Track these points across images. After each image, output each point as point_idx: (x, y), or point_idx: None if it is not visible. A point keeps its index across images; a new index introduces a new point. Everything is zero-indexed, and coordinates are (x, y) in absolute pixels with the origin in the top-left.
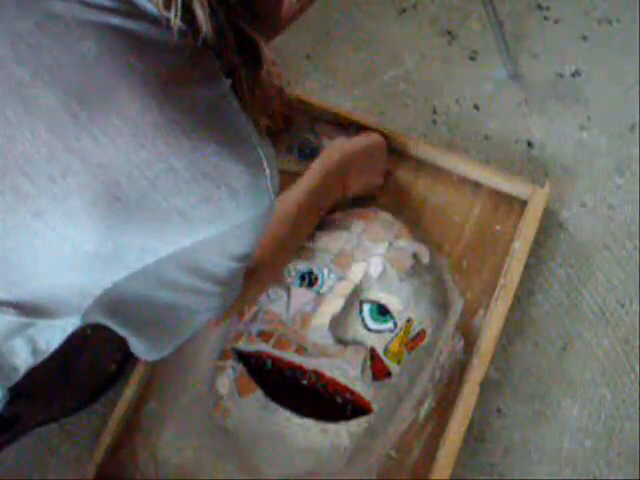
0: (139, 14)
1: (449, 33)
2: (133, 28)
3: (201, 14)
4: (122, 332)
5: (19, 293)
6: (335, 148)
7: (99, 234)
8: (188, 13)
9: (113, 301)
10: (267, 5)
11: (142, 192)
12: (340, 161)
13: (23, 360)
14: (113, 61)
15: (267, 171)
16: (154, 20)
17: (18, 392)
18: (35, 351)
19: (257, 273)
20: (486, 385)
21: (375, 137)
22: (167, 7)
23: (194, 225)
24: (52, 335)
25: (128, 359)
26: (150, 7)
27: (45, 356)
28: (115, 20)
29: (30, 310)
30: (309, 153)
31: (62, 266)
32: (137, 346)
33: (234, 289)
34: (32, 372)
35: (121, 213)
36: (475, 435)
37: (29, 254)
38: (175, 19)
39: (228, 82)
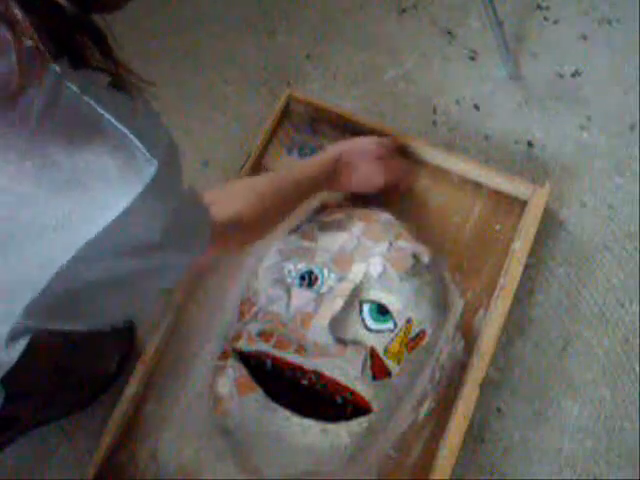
0: None
1: (449, 33)
2: None
3: None
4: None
5: None
6: (338, 145)
7: None
8: None
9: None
10: None
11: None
12: (336, 156)
13: None
14: None
15: (137, 143)
16: None
17: (18, 392)
18: None
19: (246, 226)
20: (486, 385)
21: (381, 141)
22: None
23: (80, 228)
24: None
25: (128, 359)
26: None
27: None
28: None
29: None
30: (309, 153)
31: None
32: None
33: (188, 233)
34: (32, 372)
35: None
36: (475, 435)
37: None
38: None
39: (56, 67)
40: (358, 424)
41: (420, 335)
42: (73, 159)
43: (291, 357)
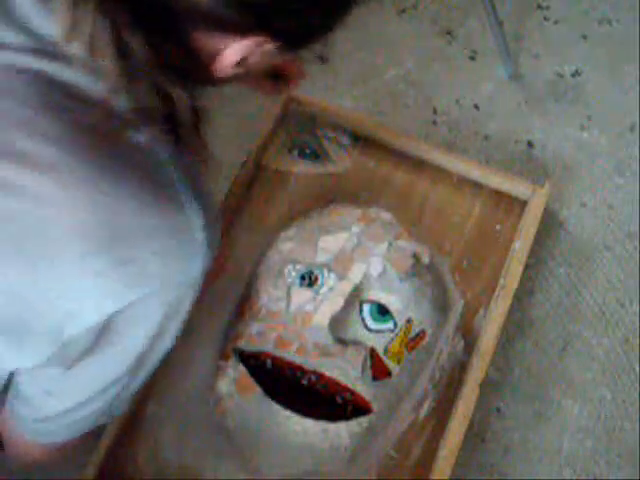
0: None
1: (449, 33)
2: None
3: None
4: None
5: None
6: None
7: None
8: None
9: None
10: (195, 66)
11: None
12: None
13: None
14: None
15: (197, 235)
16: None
17: None
18: None
19: None
20: (486, 385)
21: None
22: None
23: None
24: None
25: None
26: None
27: None
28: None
29: None
30: (309, 153)
31: None
32: None
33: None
34: None
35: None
36: (475, 435)
37: None
38: (77, 48)
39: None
40: (358, 424)
41: (420, 335)
42: (138, 219)
43: (291, 357)
